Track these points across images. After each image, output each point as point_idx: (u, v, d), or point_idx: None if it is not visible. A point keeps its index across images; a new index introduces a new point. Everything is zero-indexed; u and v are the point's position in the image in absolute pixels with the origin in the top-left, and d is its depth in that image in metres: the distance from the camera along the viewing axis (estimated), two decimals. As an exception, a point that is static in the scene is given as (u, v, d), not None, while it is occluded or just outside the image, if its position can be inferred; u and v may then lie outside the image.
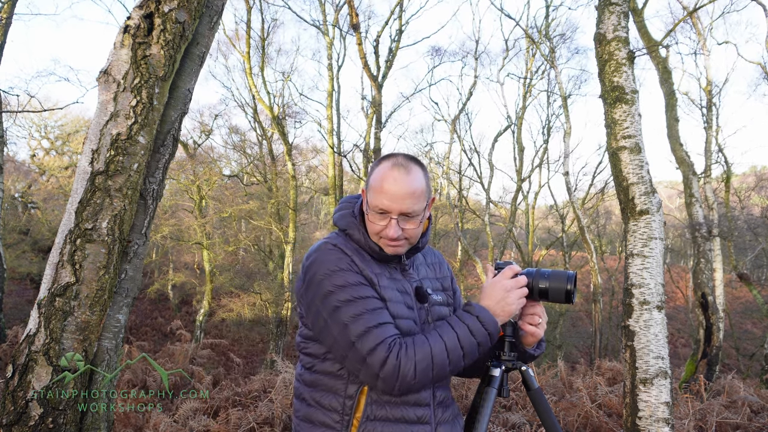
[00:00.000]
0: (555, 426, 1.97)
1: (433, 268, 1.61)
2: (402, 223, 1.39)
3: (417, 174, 1.39)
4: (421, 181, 1.40)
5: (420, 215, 1.41)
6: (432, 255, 1.64)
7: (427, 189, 1.43)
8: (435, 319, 1.49)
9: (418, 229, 1.43)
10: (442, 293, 1.57)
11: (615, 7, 3.50)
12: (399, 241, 1.41)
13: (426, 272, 1.57)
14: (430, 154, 21.80)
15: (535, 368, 6.51)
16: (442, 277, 1.62)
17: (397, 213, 1.37)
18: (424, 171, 1.43)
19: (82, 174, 2.19)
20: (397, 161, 1.39)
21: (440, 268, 1.63)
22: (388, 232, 1.38)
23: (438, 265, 1.63)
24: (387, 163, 1.40)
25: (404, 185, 1.36)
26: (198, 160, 17.69)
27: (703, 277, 7.84)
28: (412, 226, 1.40)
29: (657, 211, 3.35)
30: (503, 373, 2.01)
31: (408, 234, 1.41)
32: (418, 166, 1.42)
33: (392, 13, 15.62)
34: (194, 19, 2.35)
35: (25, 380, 2.08)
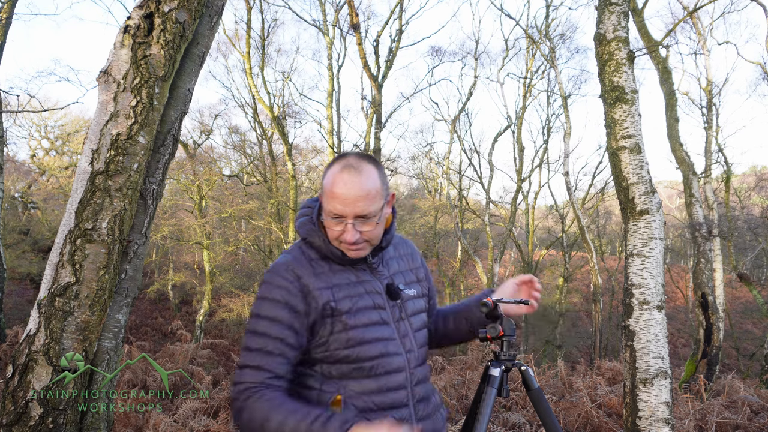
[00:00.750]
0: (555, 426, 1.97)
1: (406, 260, 1.58)
2: (359, 226, 1.35)
3: (369, 173, 1.35)
4: (375, 181, 1.35)
5: (377, 215, 1.36)
6: (404, 246, 1.61)
7: (383, 187, 1.39)
8: (409, 315, 1.48)
9: (377, 230, 1.39)
10: (416, 285, 1.55)
11: (615, 7, 3.50)
12: (359, 244, 1.37)
13: (398, 266, 1.54)
14: (430, 154, 21.81)
15: (535, 368, 6.51)
16: (415, 267, 1.59)
17: (352, 217, 1.33)
18: (378, 169, 1.39)
19: (82, 174, 2.19)
20: (348, 162, 1.34)
21: (413, 259, 1.60)
22: (345, 237, 1.35)
23: (410, 256, 1.60)
24: (337, 165, 1.35)
25: (356, 187, 1.32)
26: (198, 160, 17.70)
27: (703, 277, 7.84)
28: (369, 227, 1.36)
29: (657, 211, 3.35)
30: (503, 373, 2.01)
31: (367, 236, 1.37)
32: (371, 164, 1.37)
33: (392, 13, 15.62)
34: (194, 19, 2.35)
35: (25, 380, 2.08)
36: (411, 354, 1.45)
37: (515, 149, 18.91)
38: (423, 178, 24.25)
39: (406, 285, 1.51)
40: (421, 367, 1.50)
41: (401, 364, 1.43)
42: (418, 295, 1.53)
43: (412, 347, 1.46)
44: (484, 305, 2.13)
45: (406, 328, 1.47)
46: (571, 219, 19.29)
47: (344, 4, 14.50)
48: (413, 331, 1.49)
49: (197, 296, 18.56)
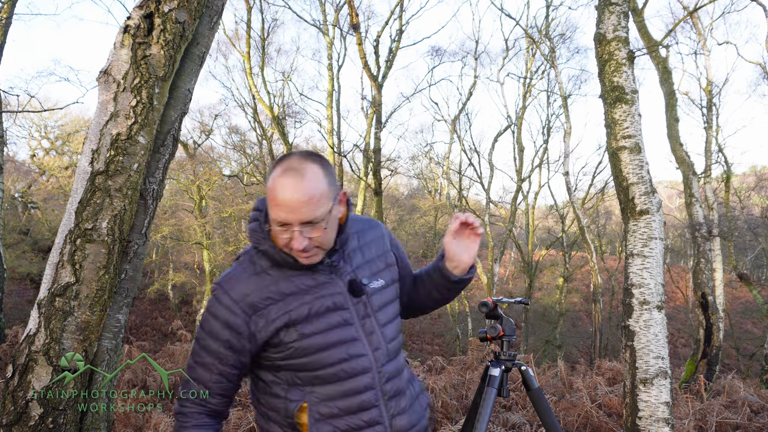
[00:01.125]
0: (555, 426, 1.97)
1: (373, 247, 1.48)
2: (307, 233, 1.27)
3: (313, 175, 1.26)
4: (320, 182, 1.26)
5: (325, 219, 1.27)
6: (370, 231, 1.51)
7: (331, 187, 1.30)
8: (376, 310, 1.41)
9: (328, 234, 1.31)
10: (385, 272, 1.47)
11: (615, 7, 3.50)
12: (309, 251, 1.30)
13: (363, 256, 1.45)
14: (430, 154, 21.82)
15: (535, 368, 6.51)
16: (383, 253, 1.49)
17: (297, 224, 1.25)
18: (324, 168, 1.29)
19: (82, 174, 2.19)
20: (289, 165, 1.25)
21: (381, 244, 1.50)
22: (293, 245, 1.27)
23: (377, 240, 1.50)
24: (279, 168, 1.26)
25: (299, 193, 1.23)
26: (198, 160, 17.70)
27: (703, 277, 7.84)
28: (318, 233, 1.27)
29: (657, 211, 3.35)
30: (503, 372, 2.01)
31: (318, 241, 1.29)
32: (315, 164, 1.28)
33: (392, 13, 15.62)
34: (194, 19, 2.35)
35: (25, 380, 2.08)
36: (378, 352, 1.39)
37: (515, 149, 18.92)
38: (423, 178, 24.28)
39: (372, 276, 1.43)
40: (391, 362, 1.43)
41: (367, 365, 1.37)
42: (386, 285, 1.46)
43: (379, 344, 1.40)
44: (483, 305, 2.14)
45: (372, 324, 1.40)
46: (571, 219, 19.29)
47: (344, 4, 14.51)
48: (380, 327, 1.41)
49: (197, 296, 18.56)
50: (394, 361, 1.43)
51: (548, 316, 20.10)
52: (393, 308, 1.48)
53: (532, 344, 18.48)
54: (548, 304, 21.63)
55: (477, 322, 19.09)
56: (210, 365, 1.37)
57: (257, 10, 15.72)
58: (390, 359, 1.42)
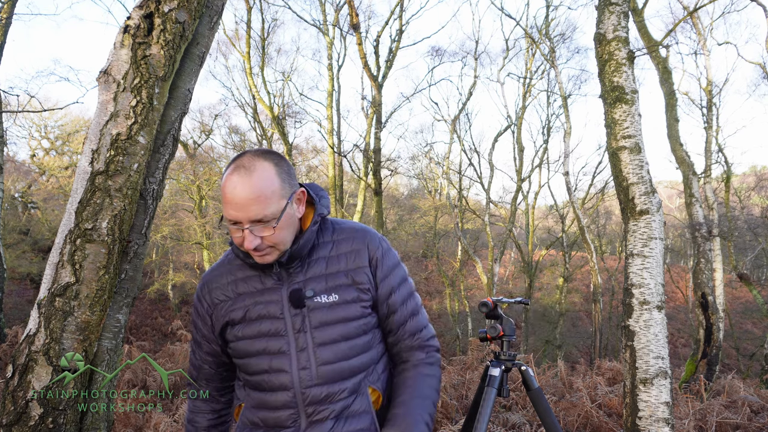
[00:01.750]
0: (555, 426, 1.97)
1: (344, 260, 1.35)
2: (258, 231, 1.23)
3: (263, 173, 1.22)
4: (270, 180, 1.22)
5: (275, 218, 1.23)
6: (350, 242, 1.37)
7: (284, 185, 1.25)
8: (315, 326, 1.29)
9: (282, 234, 1.25)
10: (346, 290, 1.32)
11: (615, 7, 3.50)
12: (262, 250, 1.26)
13: (325, 267, 1.33)
14: (430, 154, 21.82)
15: (535, 368, 6.51)
16: (354, 268, 1.34)
17: (247, 222, 1.22)
18: (277, 165, 1.25)
19: (82, 174, 2.19)
20: (240, 163, 1.22)
21: (355, 258, 1.35)
22: (245, 244, 1.24)
23: (353, 254, 1.35)
24: (231, 166, 1.24)
25: (246, 190, 1.19)
26: (198, 160, 17.70)
27: (703, 277, 7.84)
28: (269, 232, 1.23)
29: (657, 211, 3.35)
30: (503, 372, 2.02)
31: (270, 241, 1.25)
32: (267, 161, 1.24)
33: (392, 13, 15.62)
34: (194, 19, 2.35)
35: (25, 380, 2.08)
36: (305, 372, 1.28)
37: (515, 149, 18.92)
38: (423, 178, 24.28)
39: (324, 291, 1.31)
40: (323, 387, 1.29)
41: (286, 382, 1.29)
42: (340, 302, 1.31)
43: (308, 364, 1.29)
44: (483, 305, 2.14)
45: (306, 341, 1.29)
46: (571, 219, 19.29)
47: (344, 4, 14.51)
48: (315, 345, 1.29)
49: (197, 296, 18.53)
50: (328, 386, 1.29)
51: (548, 316, 20.10)
52: (342, 329, 1.31)
53: (532, 344, 18.48)
54: (548, 304, 21.63)
55: (477, 322, 19.09)
56: (194, 349, 1.50)
57: (257, 10, 15.73)
58: (321, 383, 1.29)
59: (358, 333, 1.33)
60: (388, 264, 1.38)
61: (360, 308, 1.33)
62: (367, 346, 1.35)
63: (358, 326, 1.32)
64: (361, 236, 1.38)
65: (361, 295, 1.33)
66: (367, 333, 1.35)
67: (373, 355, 1.37)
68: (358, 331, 1.33)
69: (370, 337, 1.36)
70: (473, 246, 22.54)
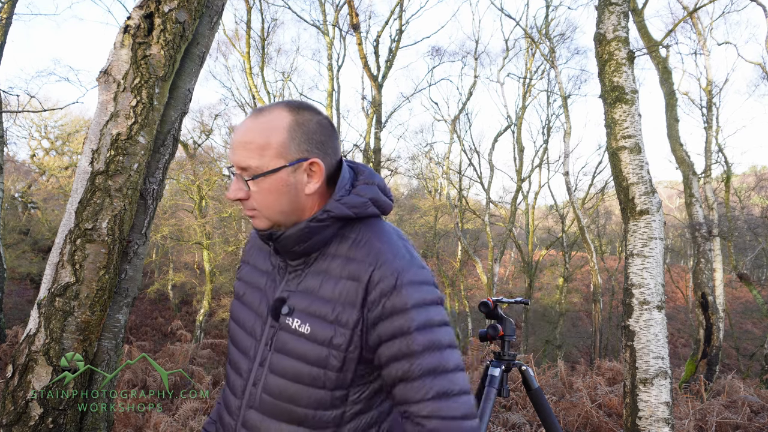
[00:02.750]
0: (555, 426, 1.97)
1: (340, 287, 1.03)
2: (237, 182, 1.05)
3: (271, 120, 1.03)
4: (274, 131, 1.02)
5: (258, 172, 1.02)
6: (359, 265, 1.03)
7: (289, 144, 1.02)
8: (276, 349, 1.06)
9: (262, 198, 1.03)
10: (324, 326, 1.02)
11: (615, 7, 3.50)
12: (247, 208, 1.06)
13: (317, 285, 1.06)
14: (430, 154, 21.82)
15: (535, 368, 6.51)
16: (344, 302, 1.02)
17: (236, 167, 1.04)
18: (296, 121, 1.03)
19: (82, 174, 2.19)
20: (264, 106, 1.07)
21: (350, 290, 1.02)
22: (228, 191, 1.07)
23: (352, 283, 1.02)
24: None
25: (242, 131, 1.04)
26: (198, 160, 17.70)
27: (703, 277, 7.84)
28: (255, 188, 1.03)
29: (657, 211, 3.35)
30: (503, 373, 2.02)
31: (255, 201, 1.04)
32: (286, 111, 1.04)
33: (392, 13, 15.62)
34: (194, 19, 2.35)
35: (25, 380, 2.08)
36: (254, 389, 1.09)
37: (515, 149, 18.92)
38: (423, 178, 24.27)
39: (302, 314, 1.04)
40: (260, 415, 1.07)
41: (238, 387, 1.12)
42: (309, 337, 1.03)
43: (256, 381, 1.08)
44: (483, 305, 2.14)
45: (265, 358, 1.08)
46: (571, 219, 19.30)
47: (344, 4, 14.51)
48: (268, 369, 1.07)
49: (197, 296, 18.56)
50: (263, 419, 1.07)
51: (548, 316, 20.10)
52: (296, 368, 1.04)
53: (532, 344, 18.48)
54: (548, 304, 21.63)
55: (477, 322, 19.10)
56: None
57: (257, 10, 15.73)
58: (259, 411, 1.08)
59: (312, 383, 1.03)
60: (389, 305, 1.00)
61: (327, 354, 1.02)
62: (326, 404, 1.04)
63: (314, 375, 1.03)
64: (372, 261, 1.02)
65: (336, 339, 1.01)
66: (329, 389, 1.03)
67: (331, 416, 1.04)
68: (311, 380, 1.03)
69: (336, 396, 1.04)
70: (473, 246, 22.54)
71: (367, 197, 1.08)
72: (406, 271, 1.01)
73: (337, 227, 1.07)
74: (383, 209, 1.12)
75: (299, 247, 1.07)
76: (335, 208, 1.05)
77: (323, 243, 1.08)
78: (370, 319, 1.00)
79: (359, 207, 1.07)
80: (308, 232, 1.05)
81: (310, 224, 1.05)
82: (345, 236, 1.07)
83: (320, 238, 1.07)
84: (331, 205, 1.05)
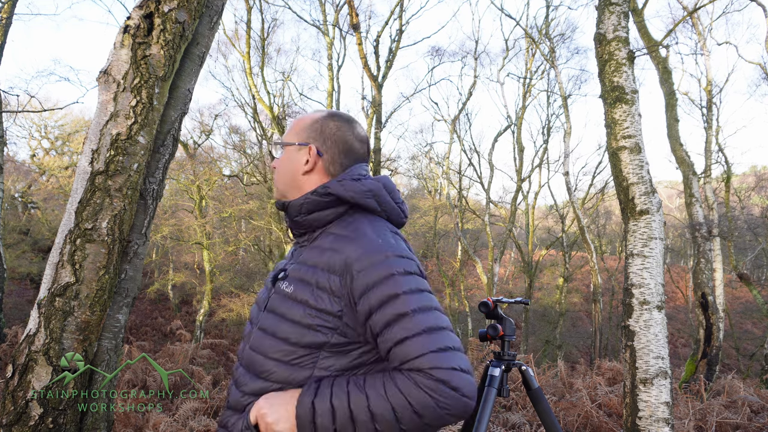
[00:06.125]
0: (555, 426, 1.97)
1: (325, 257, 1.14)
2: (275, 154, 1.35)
3: (314, 113, 1.31)
4: (306, 119, 1.30)
5: (281, 142, 1.31)
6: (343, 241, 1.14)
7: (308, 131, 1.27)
8: (267, 308, 1.20)
9: (281, 168, 1.29)
10: (305, 288, 1.13)
11: (615, 7, 3.50)
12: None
13: (309, 256, 1.18)
14: (430, 154, 21.82)
15: (535, 368, 6.50)
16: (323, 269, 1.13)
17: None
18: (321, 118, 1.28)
19: (82, 174, 2.19)
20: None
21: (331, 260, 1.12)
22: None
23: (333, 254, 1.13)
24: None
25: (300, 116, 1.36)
26: (198, 160, 17.69)
27: (703, 277, 7.84)
28: (278, 159, 1.32)
29: (657, 211, 3.35)
30: (503, 373, 2.02)
31: (276, 171, 1.31)
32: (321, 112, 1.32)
33: (392, 13, 15.61)
34: (194, 19, 2.35)
35: (25, 380, 2.08)
36: (245, 344, 1.24)
37: (515, 149, 18.91)
38: (423, 178, 24.27)
39: (292, 278, 1.17)
40: (242, 369, 1.21)
41: (240, 352, 1.27)
42: (290, 296, 1.15)
43: (248, 341, 1.23)
44: (483, 305, 2.14)
45: (257, 318, 1.24)
46: (571, 219, 19.29)
47: (344, 4, 14.50)
48: (256, 326, 1.21)
49: (197, 296, 18.56)
50: (244, 372, 1.20)
51: (548, 316, 20.09)
52: (275, 323, 1.15)
53: (532, 344, 18.48)
54: (548, 304, 21.63)
55: (477, 322, 19.10)
56: None
57: (257, 10, 15.72)
58: (243, 366, 1.21)
59: (287, 339, 1.12)
60: (370, 278, 1.07)
61: (302, 311, 1.11)
62: (293, 360, 1.11)
63: (289, 331, 1.12)
64: (352, 238, 1.13)
65: (313, 299, 1.11)
66: (299, 345, 1.11)
67: (297, 376, 1.11)
68: (287, 335, 1.12)
69: (304, 354, 1.11)
70: (473, 246, 22.54)
71: (367, 188, 1.20)
72: (386, 247, 1.11)
73: (339, 212, 1.21)
74: (386, 209, 1.23)
75: (300, 217, 1.22)
76: (333, 186, 1.20)
77: (324, 222, 1.22)
78: (355, 291, 1.08)
79: (357, 193, 1.19)
80: (308, 204, 1.21)
81: (311, 196, 1.21)
82: (343, 220, 1.21)
83: (321, 215, 1.21)
84: (331, 183, 1.21)
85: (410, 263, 1.11)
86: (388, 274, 1.07)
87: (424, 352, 1.01)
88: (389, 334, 1.04)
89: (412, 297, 1.06)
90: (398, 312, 1.04)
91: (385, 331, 1.05)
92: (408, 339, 1.03)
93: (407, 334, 1.03)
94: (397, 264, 1.09)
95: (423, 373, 1.00)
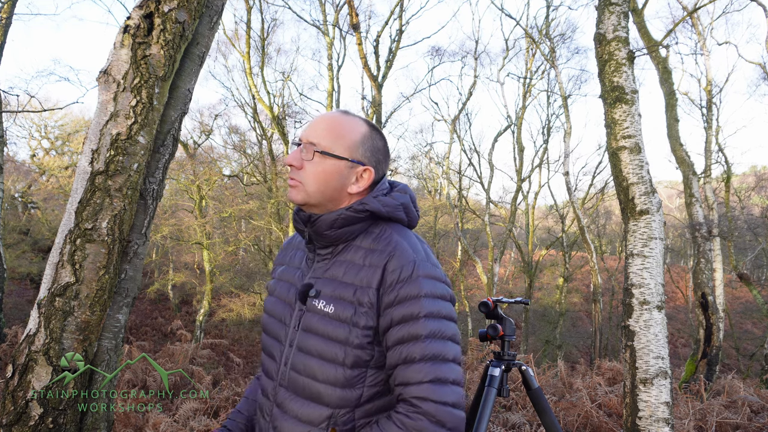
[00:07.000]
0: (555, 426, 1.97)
1: (363, 273, 1.16)
2: (298, 151, 1.21)
3: (354, 122, 1.21)
4: (353, 130, 1.20)
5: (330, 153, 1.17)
6: (378, 255, 1.16)
7: (358, 147, 1.20)
8: (303, 328, 1.19)
9: (310, 173, 1.18)
10: (346, 306, 1.14)
11: (615, 7, 3.50)
12: (293, 175, 1.21)
13: (341, 272, 1.18)
14: (429, 154, 21.83)
15: (535, 368, 6.51)
16: (364, 287, 1.14)
17: (304, 139, 1.20)
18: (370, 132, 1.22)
19: (82, 174, 2.19)
20: (345, 110, 1.27)
21: (369, 275, 1.14)
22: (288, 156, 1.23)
23: (371, 270, 1.15)
24: None
25: (328, 117, 1.21)
26: (198, 160, 17.69)
27: (703, 277, 7.84)
28: (314, 162, 1.18)
29: (657, 211, 3.35)
30: (503, 372, 2.02)
31: (306, 174, 1.19)
32: (365, 123, 1.23)
33: (392, 13, 15.62)
34: (194, 19, 2.35)
35: (25, 380, 2.08)
36: (284, 368, 1.21)
37: (515, 149, 18.92)
38: (423, 178, 24.28)
39: (328, 297, 1.17)
40: (288, 392, 1.20)
41: (272, 371, 1.25)
42: (333, 316, 1.15)
43: (286, 362, 1.21)
44: (483, 305, 2.14)
45: (293, 339, 1.21)
46: (571, 219, 19.29)
47: (344, 4, 14.50)
48: (296, 348, 1.19)
49: (197, 296, 18.56)
50: (290, 396, 1.20)
51: (548, 316, 20.10)
52: (320, 345, 1.15)
53: (532, 344, 18.48)
54: (548, 304, 21.63)
55: (477, 322, 19.10)
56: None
57: (257, 10, 15.72)
58: (287, 388, 1.21)
59: (336, 360, 1.13)
60: (404, 292, 1.11)
61: (348, 332, 1.13)
62: (345, 381, 1.13)
63: (337, 352, 1.13)
64: (389, 252, 1.15)
65: (356, 318, 1.13)
66: (348, 366, 1.13)
67: (350, 396, 1.13)
68: (335, 357, 1.13)
69: (355, 375, 1.13)
70: (473, 246, 22.55)
71: (399, 202, 1.24)
72: (422, 265, 1.14)
73: (367, 224, 1.22)
74: (411, 219, 1.27)
75: (331, 231, 1.20)
76: (372, 203, 1.20)
77: (351, 236, 1.21)
78: (383, 302, 1.12)
79: (391, 208, 1.22)
80: (343, 220, 1.19)
81: (347, 212, 1.19)
82: (370, 232, 1.22)
83: (350, 229, 1.21)
84: (368, 200, 1.20)
85: (440, 287, 1.15)
86: (416, 294, 1.11)
87: (422, 380, 1.07)
88: (398, 351, 1.10)
89: (430, 322, 1.10)
90: (413, 333, 1.09)
91: (396, 347, 1.10)
92: (413, 363, 1.08)
93: (414, 357, 1.08)
94: (427, 286, 1.12)
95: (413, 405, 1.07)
